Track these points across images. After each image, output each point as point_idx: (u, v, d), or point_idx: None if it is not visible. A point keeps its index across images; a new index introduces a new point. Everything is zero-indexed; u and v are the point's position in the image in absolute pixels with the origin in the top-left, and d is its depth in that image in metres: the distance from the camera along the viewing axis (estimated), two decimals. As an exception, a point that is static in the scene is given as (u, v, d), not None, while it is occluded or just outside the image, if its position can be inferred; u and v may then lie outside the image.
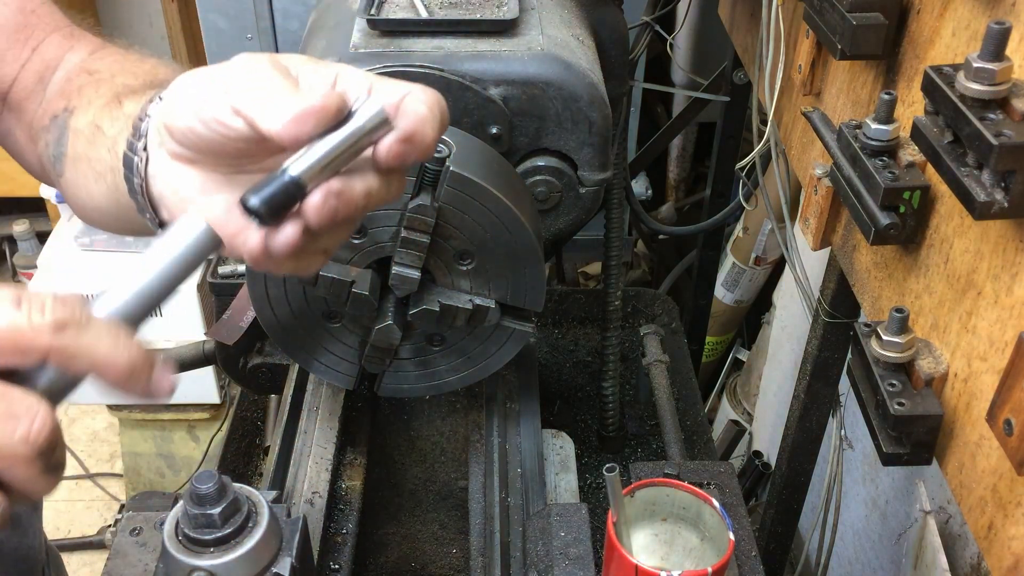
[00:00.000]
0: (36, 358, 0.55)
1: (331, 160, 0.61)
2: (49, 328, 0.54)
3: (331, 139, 0.61)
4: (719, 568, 0.84)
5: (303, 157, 0.61)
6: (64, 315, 0.55)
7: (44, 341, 0.54)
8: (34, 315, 0.54)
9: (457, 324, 1.02)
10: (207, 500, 0.71)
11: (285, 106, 0.59)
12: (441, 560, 1.19)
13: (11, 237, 3.09)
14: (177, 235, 0.62)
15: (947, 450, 0.73)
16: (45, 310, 0.55)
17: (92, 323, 0.56)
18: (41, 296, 0.55)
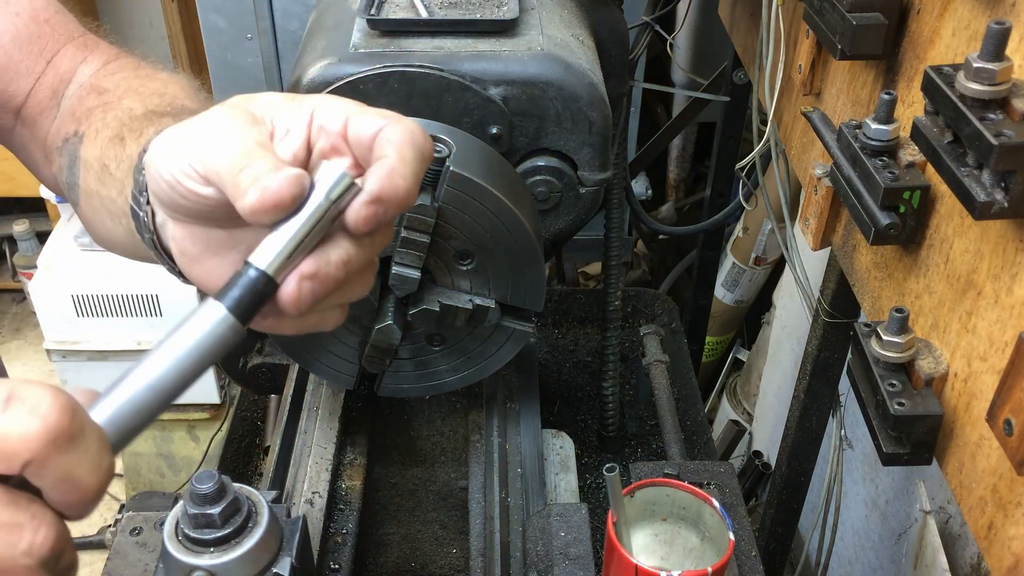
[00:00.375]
0: (20, 467, 0.48)
1: (297, 245, 0.58)
2: (38, 440, 0.48)
3: (295, 221, 0.57)
4: (719, 568, 0.84)
5: (267, 245, 0.57)
6: (57, 425, 0.48)
7: (29, 450, 0.48)
8: (22, 420, 0.47)
9: (457, 324, 1.02)
10: (207, 500, 0.71)
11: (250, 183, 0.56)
12: (441, 560, 1.19)
13: (11, 237, 3.10)
14: (195, 327, 0.57)
15: (947, 450, 0.73)
16: (36, 415, 0.48)
17: (84, 438, 0.50)
18: (35, 395, 0.48)
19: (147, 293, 2.37)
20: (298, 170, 0.58)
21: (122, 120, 0.78)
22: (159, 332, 2.42)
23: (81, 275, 2.39)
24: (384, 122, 0.60)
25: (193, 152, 0.60)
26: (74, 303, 2.38)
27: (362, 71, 1.01)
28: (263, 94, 0.65)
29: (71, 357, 2.47)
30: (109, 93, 0.83)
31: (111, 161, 0.75)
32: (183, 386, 0.57)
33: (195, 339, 0.57)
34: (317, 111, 0.61)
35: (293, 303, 0.58)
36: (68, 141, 0.82)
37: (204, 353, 0.57)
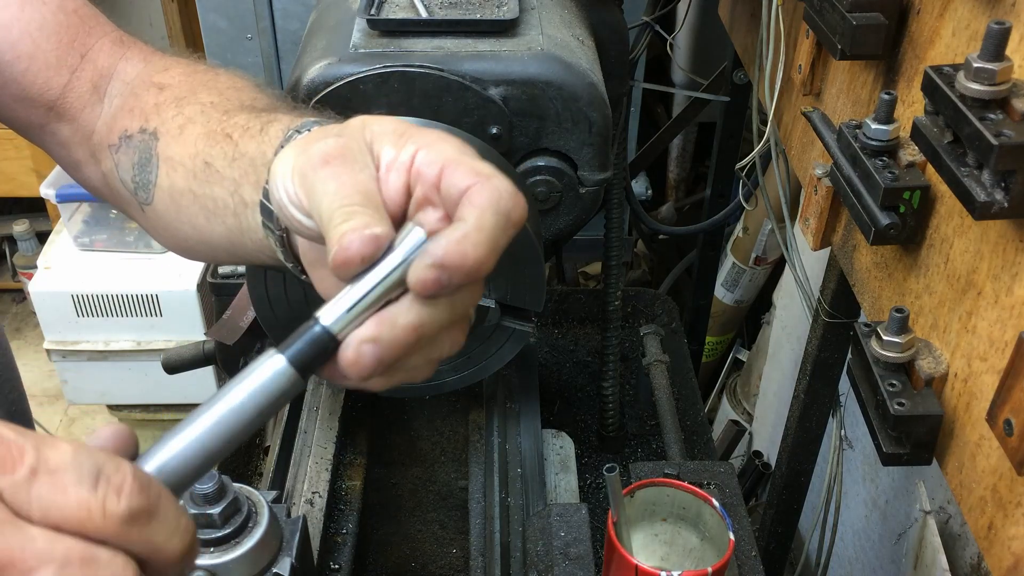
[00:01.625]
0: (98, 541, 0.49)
1: (367, 305, 0.56)
2: (122, 520, 0.49)
3: (369, 279, 0.56)
4: (719, 568, 0.84)
5: (338, 300, 0.56)
6: (139, 506, 0.50)
7: (111, 531, 0.49)
8: (109, 501, 0.49)
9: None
10: (207, 500, 0.71)
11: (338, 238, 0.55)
12: (441, 560, 1.19)
13: (11, 237, 3.09)
14: (255, 377, 0.56)
15: (947, 450, 0.73)
16: (122, 495, 0.49)
17: (161, 512, 0.51)
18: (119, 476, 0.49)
19: (147, 293, 2.37)
20: (377, 231, 0.56)
21: (211, 116, 0.76)
22: (159, 332, 2.44)
23: (81, 275, 2.39)
24: (474, 180, 0.57)
25: (302, 184, 0.60)
26: (74, 303, 2.38)
27: (362, 71, 1.01)
28: (382, 120, 0.63)
29: (71, 357, 2.47)
30: (172, 88, 0.82)
31: (217, 159, 0.74)
32: (239, 436, 0.57)
33: (253, 391, 0.56)
34: (420, 153, 0.59)
35: (353, 367, 0.56)
36: (132, 138, 0.80)
37: (262, 406, 0.56)
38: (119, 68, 0.86)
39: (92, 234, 2.45)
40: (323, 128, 0.66)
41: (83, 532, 0.49)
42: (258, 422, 0.57)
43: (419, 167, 0.59)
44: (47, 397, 3.12)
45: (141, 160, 0.79)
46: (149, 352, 2.43)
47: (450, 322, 0.59)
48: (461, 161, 0.58)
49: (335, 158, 0.59)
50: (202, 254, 0.83)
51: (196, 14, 2.34)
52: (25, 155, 2.89)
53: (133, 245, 2.44)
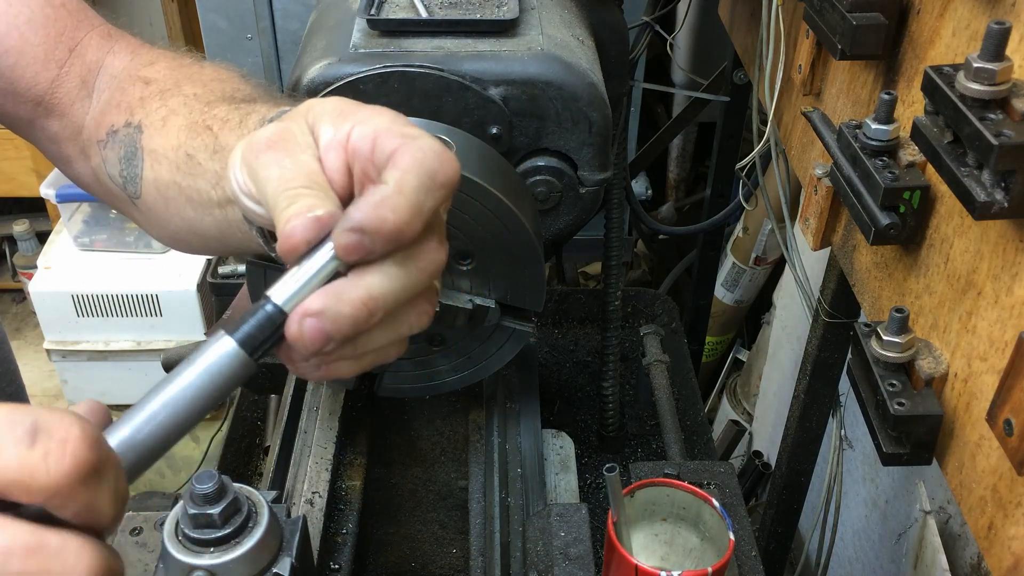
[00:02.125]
0: (43, 501, 0.47)
1: (319, 283, 0.56)
2: (68, 476, 0.46)
3: (320, 256, 0.56)
4: (719, 568, 0.84)
5: (288, 278, 0.56)
6: (86, 461, 0.46)
7: (58, 490, 0.46)
8: (53, 457, 0.46)
9: (457, 324, 1.02)
10: (207, 500, 0.71)
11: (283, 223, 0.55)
12: (441, 560, 1.19)
13: (11, 237, 3.10)
14: (204, 360, 0.56)
15: (947, 450, 0.73)
16: (67, 450, 0.46)
17: (107, 471, 0.49)
18: (62, 427, 0.47)
19: (147, 293, 2.37)
20: (320, 212, 0.55)
21: (193, 107, 0.76)
22: (159, 332, 2.44)
23: (81, 275, 2.40)
24: (399, 143, 0.57)
25: (248, 173, 0.60)
26: (74, 303, 2.38)
27: (362, 71, 1.01)
28: (325, 101, 0.62)
29: (71, 357, 2.47)
30: (157, 82, 0.81)
31: (199, 151, 0.73)
32: (192, 419, 0.56)
33: (202, 373, 0.55)
34: (355, 129, 0.59)
35: (298, 341, 0.56)
36: (117, 132, 0.79)
37: (212, 388, 0.55)
38: (107, 62, 0.85)
39: (92, 234, 2.45)
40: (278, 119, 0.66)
41: (28, 494, 0.45)
42: (210, 405, 0.56)
43: (354, 143, 0.58)
44: (47, 397, 3.12)
45: (127, 154, 0.79)
46: (149, 352, 2.44)
47: (408, 294, 0.58)
48: (391, 129, 0.58)
49: (275, 143, 0.59)
50: (196, 246, 0.82)
51: (196, 14, 2.35)
52: (25, 155, 2.90)
53: (133, 245, 2.44)
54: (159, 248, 2.43)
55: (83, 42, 0.85)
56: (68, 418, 0.47)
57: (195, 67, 0.83)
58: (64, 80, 0.84)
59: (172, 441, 0.56)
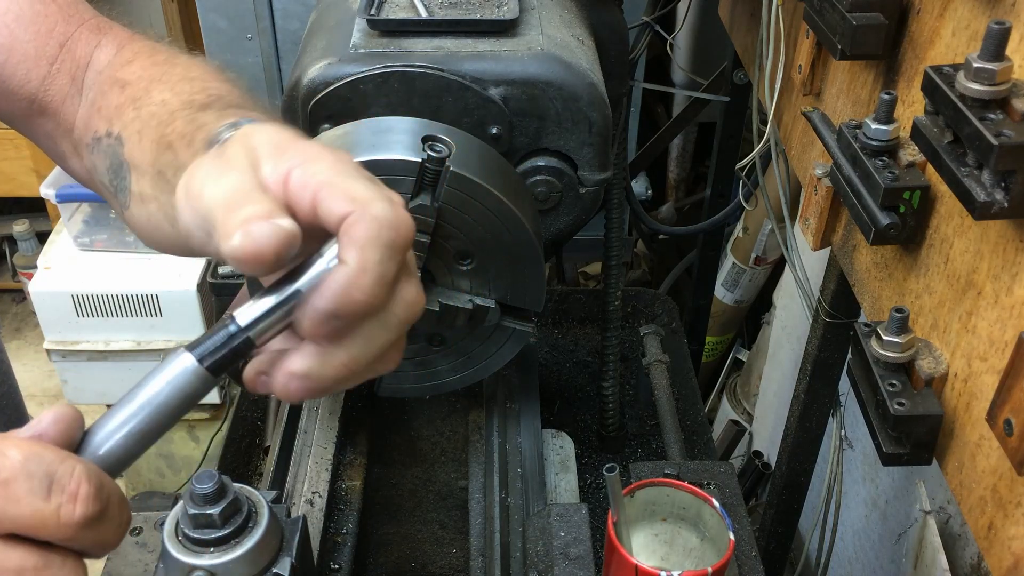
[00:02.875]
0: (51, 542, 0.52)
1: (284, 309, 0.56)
2: (77, 526, 0.51)
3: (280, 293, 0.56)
4: (719, 568, 0.84)
5: (255, 302, 0.56)
6: (94, 512, 0.52)
7: (65, 536, 0.51)
8: (64, 509, 0.51)
9: (457, 324, 1.02)
10: (207, 500, 0.71)
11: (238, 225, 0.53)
12: (441, 560, 1.19)
13: (11, 237, 3.10)
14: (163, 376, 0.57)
15: (947, 450, 0.73)
16: (77, 503, 0.51)
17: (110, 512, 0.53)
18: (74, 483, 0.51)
19: (147, 293, 2.37)
20: (290, 222, 0.54)
21: (160, 118, 0.75)
22: (159, 332, 2.43)
23: (81, 275, 2.39)
24: (349, 209, 0.55)
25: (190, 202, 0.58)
26: (74, 303, 2.38)
27: (362, 71, 1.01)
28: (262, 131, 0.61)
29: (71, 357, 2.47)
30: (132, 86, 0.80)
31: (167, 168, 0.73)
32: (152, 435, 0.57)
33: (160, 389, 0.56)
34: (294, 173, 0.57)
35: (283, 397, 0.58)
36: (100, 141, 0.79)
37: (170, 404, 0.56)
38: (94, 57, 0.84)
39: (92, 234, 2.44)
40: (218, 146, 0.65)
41: (36, 538, 0.50)
42: (168, 422, 0.57)
43: (293, 190, 0.57)
44: (47, 397, 3.12)
45: (113, 165, 0.78)
46: (149, 352, 2.43)
47: (389, 342, 0.59)
48: (334, 184, 0.56)
49: (213, 171, 0.58)
50: (179, 254, 0.83)
51: (196, 14, 2.34)
52: (25, 155, 2.90)
53: (133, 245, 2.44)
54: (159, 248, 2.43)
55: (73, 36, 0.84)
56: (77, 469, 0.52)
57: (167, 66, 0.81)
58: (55, 77, 0.83)
59: (131, 460, 0.57)
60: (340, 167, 0.58)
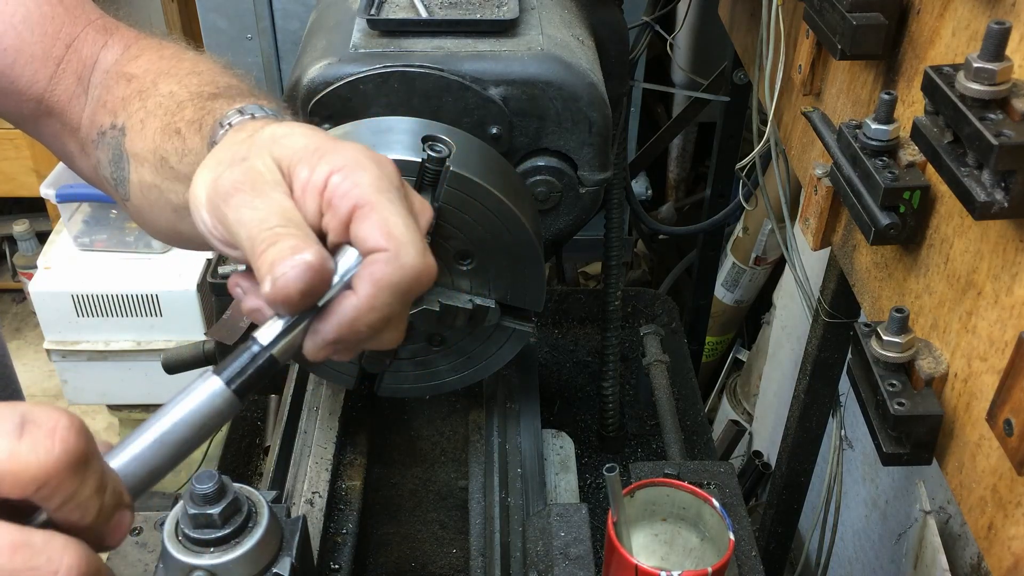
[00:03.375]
0: (34, 491, 0.47)
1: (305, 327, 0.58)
2: (59, 462, 0.47)
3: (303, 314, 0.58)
4: (719, 568, 0.84)
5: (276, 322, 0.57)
6: (76, 448, 0.48)
7: (50, 477, 0.47)
8: (42, 445, 0.47)
9: (457, 324, 1.02)
10: (207, 500, 0.71)
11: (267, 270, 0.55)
12: (441, 560, 1.19)
13: (11, 237, 3.10)
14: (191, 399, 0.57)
15: (947, 450, 0.73)
16: (56, 438, 0.47)
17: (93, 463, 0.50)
18: (50, 419, 0.48)
19: (147, 293, 2.37)
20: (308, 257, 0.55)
21: (168, 107, 0.76)
22: (159, 332, 2.43)
23: (81, 275, 2.39)
24: (382, 246, 0.57)
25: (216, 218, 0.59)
26: (74, 303, 2.38)
27: (362, 71, 1.01)
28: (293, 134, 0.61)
29: (71, 357, 2.47)
30: (138, 79, 0.80)
31: (171, 155, 0.73)
32: (177, 458, 0.57)
33: (189, 412, 0.56)
34: (334, 178, 0.58)
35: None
36: (105, 134, 0.79)
37: (198, 427, 0.57)
38: (100, 57, 0.84)
39: (92, 234, 2.45)
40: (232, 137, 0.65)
41: (17, 484, 0.46)
42: (194, 445, 0.57)
43: (331, 197, 0.57)
44: (47, 397, 3.13)
45: (114, 157, 0.79)
46: (149, 352, 2.44)
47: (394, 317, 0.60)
48: (374, 207, 0.57)
49: (242, 185, 0.58)
50: (185, 245, 0.83)
51: (196, 14, 2.34)
52: (25, 155, 2.90)
53: (133, 245, 2.44)
54: (159, 248, 2.43)
55: (80, 37, 0.84)
56: (56, 411, 0.49)
57: (174, 60, 0.82)
58: (62, 78, 0.84)
59: (159, 478, 0.57)
60: (382, 183, 0.58)
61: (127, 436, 0.57)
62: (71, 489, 0.48)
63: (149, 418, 0.57)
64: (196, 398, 0.57)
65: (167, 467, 0.57)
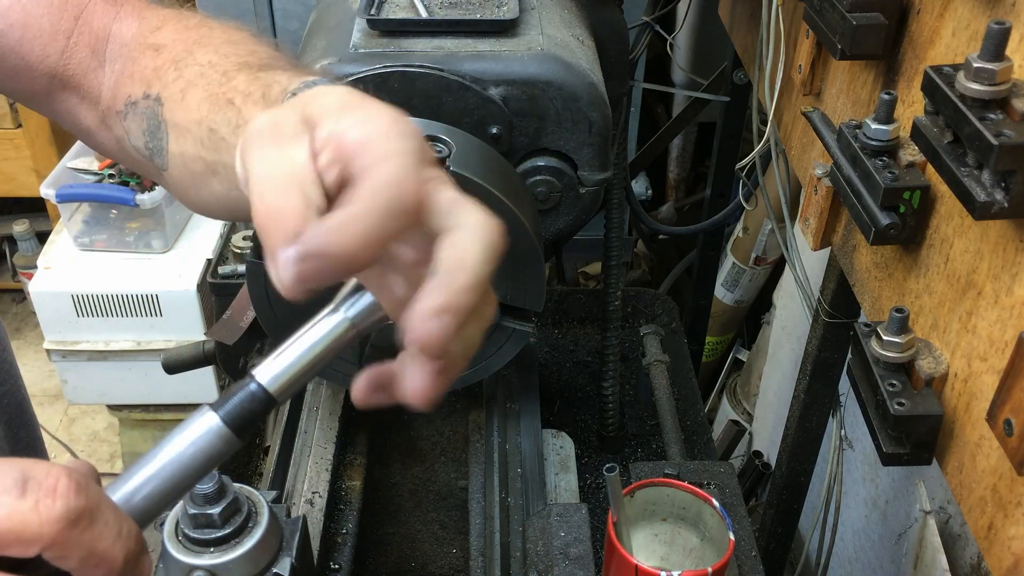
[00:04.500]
0: (39, 550, 0.48)
1: (306, 366, 0.55)
2: (59, 521, 0.47)
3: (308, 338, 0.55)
4: (719, 568, 0.84)
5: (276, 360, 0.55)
6: (77, 506, 0.48)
7: (51, 536, 0.47)
8: (43, 504, 0.47)
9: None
10: (207, 500, 0.71)
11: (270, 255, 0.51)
12: (441, 560, 1.19)
13: (11, 237, 3.10)
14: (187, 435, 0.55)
15: (947, 450, 0.73)
16: (56, 497, 0.47)
17: (102, 514, 0.49)
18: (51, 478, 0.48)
19: (147, 293, 2.37)
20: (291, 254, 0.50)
21: (211, 78, 0.73)
22: (159, 332, 2.43)
23: (81, 275, 2.39)
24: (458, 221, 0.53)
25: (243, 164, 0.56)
26: (74, 303, 2.38)
27: (362, 71, 1.01)
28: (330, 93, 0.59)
29: (71, 357, 2.47)
30: (168, 48, 0.78)
31: (222, 126, 0.71)
32: (174, 496, 0.55)
33: (183, 450, 0.55)
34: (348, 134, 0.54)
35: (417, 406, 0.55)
36: (137, 104, 0.78)
37: (194, 464, 0.55)
38: (114, 29, 0.83)
39: (92, 234, 2.44)
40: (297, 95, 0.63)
41: (23, 545, 0.47)
42: (190, 483, 0.55)
43: (347, 151, 0.54)
44: (47, 397, 3.13)
45: (150, 127, 0.77)
46: (149, 352, 2.43)
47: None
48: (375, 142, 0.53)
49: (263, 133, 0.56)
50: (230, 216, 0.81)
51: (196, 14, 2.34)
52: (25, 155, 2.89)
53: (133, 245, 2.44)
54: (159, 248, 2.43)
55: (88, 8, 0.83)
56: (55, 468, 0.48)
57: (204, 29, 0.80)
58: (74, 51, 0.82)
59: (155, 516, 0.56)
60: (395, 128, 0.55)
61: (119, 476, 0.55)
62: (84, 544, 0.48)
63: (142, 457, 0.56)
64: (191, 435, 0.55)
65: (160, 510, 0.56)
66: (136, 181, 2.38)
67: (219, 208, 0.78)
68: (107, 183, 2.39)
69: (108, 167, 2.41)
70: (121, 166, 2.40)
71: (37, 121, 2.83)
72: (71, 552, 0.48)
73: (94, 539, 0.49)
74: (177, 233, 2.47)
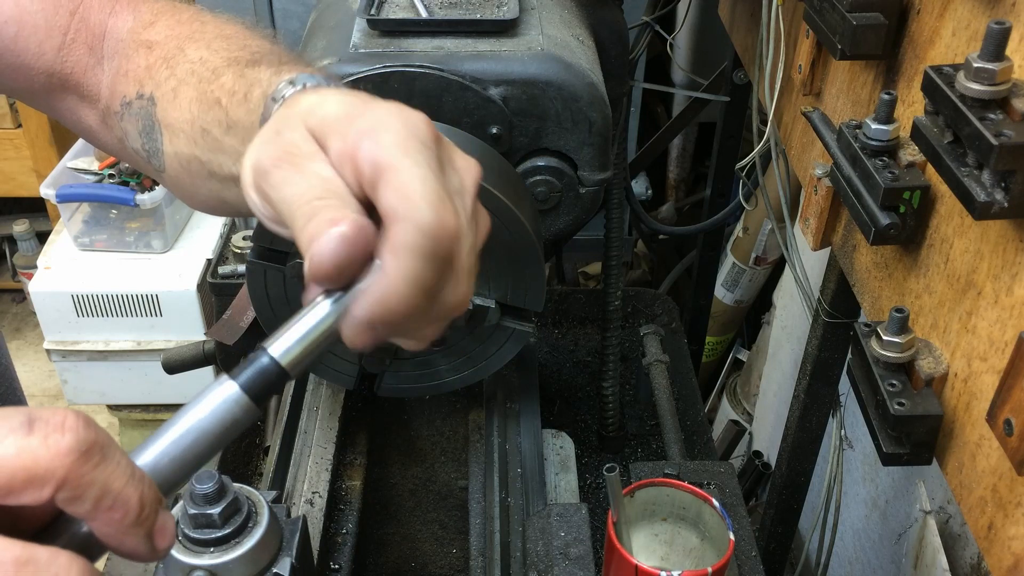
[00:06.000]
0: (53, 491, 0.46)
1: (317, 339, 0.55)
2: (70, 453, 0.46)
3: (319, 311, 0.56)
4: (719, 568, 0.84)
5: (288, 332, 0.55)
6: (86, 439, 0.47)
7: (63, 470, 0.46)
8: (52, 438, 0.46)
9: (457, 324, 1.02)
10: (207, 500, 0.71)
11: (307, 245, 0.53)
12: (441, 560, 1.19)
13: (11, 237, 3.10)
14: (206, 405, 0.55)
15: (947, 450, 0.73)
16: (65, 430, 0.46)
17: (112, 453, 0.48)
18: (57, 415, 0.47)
19: (147, 293, 2.37)
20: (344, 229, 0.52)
21: (201, 75, 0.73)
22: (159, 332, 2.43)
23: (81, 275, 2.39)
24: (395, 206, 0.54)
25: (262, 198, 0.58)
26: (74, 303, 2.38)
27: (362, 71, 1.01)
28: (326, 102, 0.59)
29: (71, 357, 2.47)
30: (160, 45, 0.78)
31: (213, 126, 0.71)
32: (193, 466, 0.55)
33: (203, 418, 0.55)
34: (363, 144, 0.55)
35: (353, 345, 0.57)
36: (131, 104, 0.77)
37: (214, 432, 0.55)
38: (110, 25, 0.82)
39: (92, 234, 2.45)
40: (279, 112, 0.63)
41: (35, 482, 0.45)
42: (210, 453, 0.55)
43: (360, 164, 0.55)
44: (47, 397, 3.13)
45: (145, 127, 0.77)
46: (149, 352, 2.44)
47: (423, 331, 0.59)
48: (396, 169, 0.54)
49: (280, 161, 0.57)
50: (228, 213, 0.80)
51: (196, 14, 2.34)
52: (25, 155, 2.90)
53: (133, 245, 2.44)
54: (159, 248, 2.43)
55: (83, 4, 0.82)
56: (61, 409, 0.48)
57: (196, 24, 0.80)
58: (72, 48, 0.81)
59: (176, 488, 0.56)
60: (408, 142, 0.56)
61: (136, 448, 0.55)
62: (97, 479, 0.47)
63: (161, 427, 0.55)
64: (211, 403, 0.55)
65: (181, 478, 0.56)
66: (136, 181, 2.38)
67: (219, 206, 0.78)
68: (107, 183, 2.39)
69: (108, 167, 2.41)
70: (121, 166, 2.40)
71: (37, 121, 2.83)
72: (85, 491, 0.47)
73: (108, 476, 0.47)
74: (177, 233, 2.47)
